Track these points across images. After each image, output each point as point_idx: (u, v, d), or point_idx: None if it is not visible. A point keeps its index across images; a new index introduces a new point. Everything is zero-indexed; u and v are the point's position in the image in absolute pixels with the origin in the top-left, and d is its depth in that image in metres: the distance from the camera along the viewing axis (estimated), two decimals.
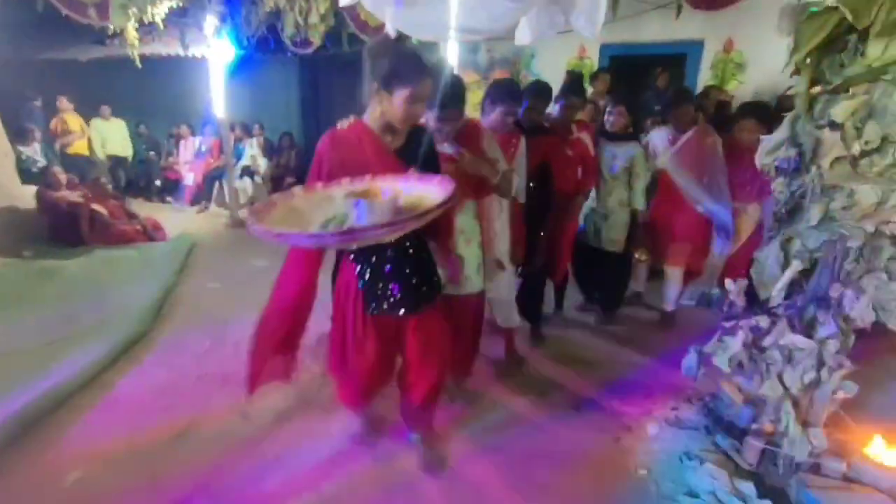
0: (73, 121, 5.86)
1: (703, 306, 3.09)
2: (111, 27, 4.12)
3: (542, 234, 2.37)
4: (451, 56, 3.87)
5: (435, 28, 2.14)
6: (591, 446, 1.90)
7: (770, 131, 1.58)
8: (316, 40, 4.24)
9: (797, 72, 1.42)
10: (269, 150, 6.71)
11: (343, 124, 1.48)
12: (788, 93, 1.55)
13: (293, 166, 6.75)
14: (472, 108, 2.38)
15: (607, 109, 2.67)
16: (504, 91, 2.07)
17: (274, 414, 2.05)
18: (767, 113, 2.50)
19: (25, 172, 4.70)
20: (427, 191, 1.33)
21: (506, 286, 2.19)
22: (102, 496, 1.61)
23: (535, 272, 2.45)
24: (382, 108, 1.40)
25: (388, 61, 1.35)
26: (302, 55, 5.72)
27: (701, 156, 2.54)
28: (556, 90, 2.46)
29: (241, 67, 5.72)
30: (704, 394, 2.06)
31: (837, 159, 1.38)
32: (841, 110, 1.31)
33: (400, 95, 1.35)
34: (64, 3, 3.48)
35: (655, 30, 4.36)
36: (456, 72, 1.96)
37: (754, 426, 1.75)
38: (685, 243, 2.73)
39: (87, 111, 6.04)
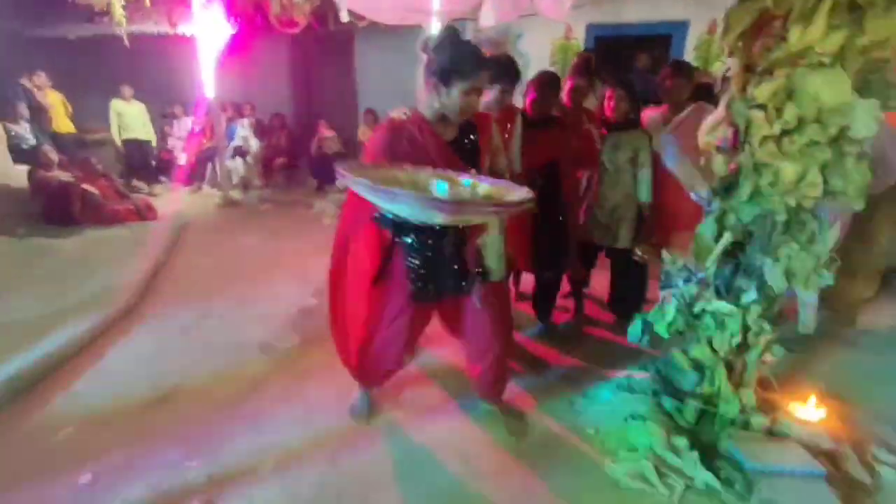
0: (52, 96, 5.69)
1: None
2: (96, 5, 4.13)
3: (556, 235, 2.33)
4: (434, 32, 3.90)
5: (394, 11, 2.17)
6: (548, 410, 2.04)
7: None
8: (301, 20, 4.25)
9: (731, 54, 1.50)
10: (261, 131, 6.74)
11: (399, 114, 1.54)
12: (727, 74, 1.61)
13: (284, 146, 6.79)
14: None
15: (606, 94, 2.41)
16: (502, 69, 2.04)
17: (253, 380, 2.19)
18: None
19: (16, 151, 4.76)
20: (498, 188, 1.41)
21: None
22: (91, 450, 1.75)
23: (549, 273, 2.44)
24: (441, 101, 1.46)
25: (447, 57, 1.42)
26: (293, 35, 5.73)
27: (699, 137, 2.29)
28: (537, 69, 2.35)
29: (232, 47, 5.71)
30: (658, 361, 2.19)
31: (765, 138, 1.47)
32: (762, 92, 1.40)
33: (458, 88, 1.42)
34: None
35: (641, 10, 4.37)
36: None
37: (694, 389, 1.90)
38: (688, 231, 2.57)
39: (76, 89, 6.03)
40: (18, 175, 4.44)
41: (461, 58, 1.41)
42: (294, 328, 2.69)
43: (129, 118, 6.07)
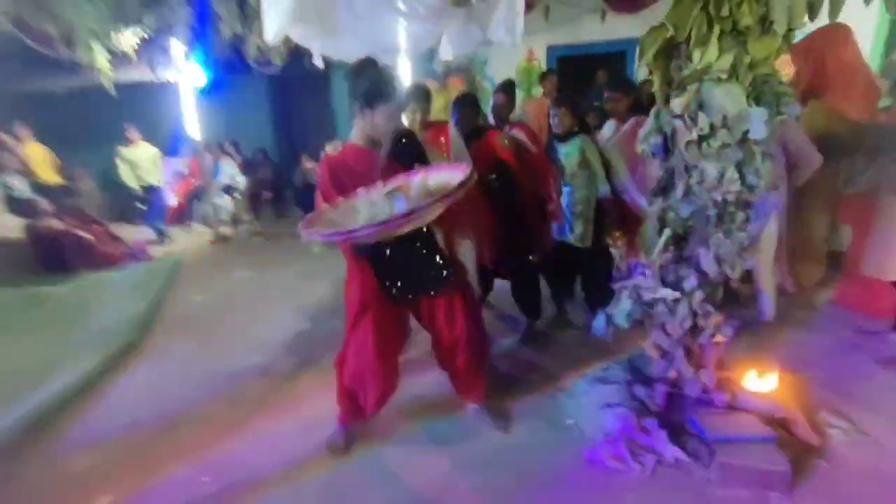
0: (33, 149, 5.63)
1: None
2: (77, 57, 4.35)
3: (517, 230, 2.52)
4: (404, 66, 4.18)
5: (358, 53, 2.39)
6: (530, 403, 2.20)
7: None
8: (277, 61, 4.51)
9: (651, 72, 1.73)
10: (246, 167, 6.96)
11: (332, 148, 1.70)
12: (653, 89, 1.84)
13: (269, 180, 7.01)
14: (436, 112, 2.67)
15: (551, 112, 2.68)
16: (413, 92, 2.31)
17: (254, 402, 2.32)
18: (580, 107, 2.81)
19: (10, 202, 4.90)
20: (448, 175, 1.54)
21: None
22: (108, 476, 1.87)
23: (527, 268, 2.64)
24: (365, 123, 1.63)
25: (368, 82, 1.59)
26: (270, 75, 6.00)
27: (634, 146, 2.56)
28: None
29: (213, 89, 5.97)
30: (632, 354, 2.36)
31: (688, 143, 1.69)
32: (677, 104, 1.62)
33: (381, 110, 1.59)
34: (33, 38, 3.69)
35: (596, 30, 4.69)
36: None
37: (662, 375, 2.07)
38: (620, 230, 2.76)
39: (66, 139, 6.20)
40: (13, 225, 4.57)
41: (381, 82, 1.59)
42: (290, 352, 2.83)
43: (144, 162, 5.89)
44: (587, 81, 5.01)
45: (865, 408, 1.98)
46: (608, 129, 2.85)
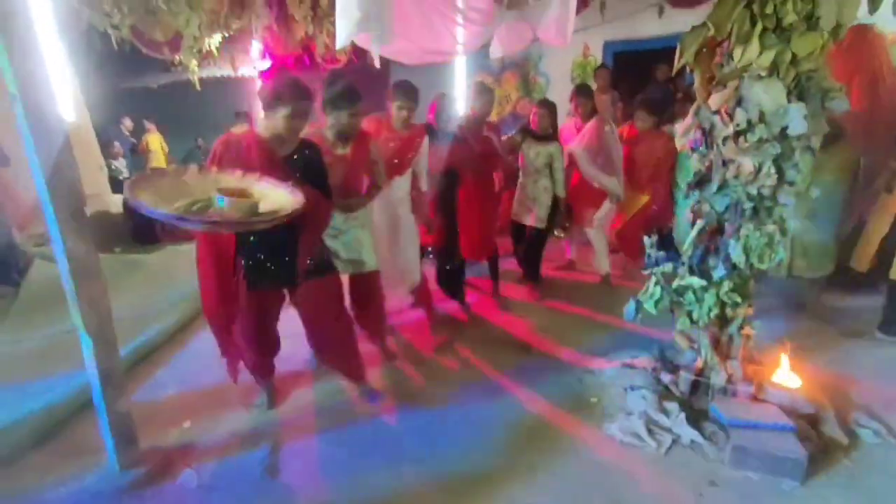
0: (154, 140, 6.95)
1: None
2: (177, 58, 4.95)
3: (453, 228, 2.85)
4: (460, 62, 4.36)
5: (414, 54, 2.60)
6: (559, 385, 2.32)
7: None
8: (342, 57, 4.86)
9: (692, 70, 1.79)
10: None
11: (237, 129, 1.84)
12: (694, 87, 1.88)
13: None
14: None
15: (532, 110, 3.13)
16: (399, 91, 2.40)
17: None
18: (658, 104, 3.23)
19: (114, 182, 5.67)
20: (286, 200, 1.57)
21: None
22: (186, 407, 2.23)
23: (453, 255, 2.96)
24: (268, 122, 1.73)
25: (272, 85, 1.71)
26: (335, 69, 6.43)
27: (598, 142, 3.13)
28: (564, 87, 2.88)
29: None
30: (662, 343, 2.41)
31: (725, 138, 1.74)
32: (715, 100, 1.68)
33: (280, 114, 1.68)
34: (143, 43, 4.29)
35: (654, 26, 4.61)
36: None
37: (688, 363, 2.12)
38: (592, 210, 3.35)
39: (160, 128, 7.10)
40: (115, 202, 5.29)
41: (284, 87, 1.69)
42: None
43: None
44: (644, 75, 4.95)
45: None
46: (566, 127, 3.38)
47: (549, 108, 3.06)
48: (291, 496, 1.68)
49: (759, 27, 1.54)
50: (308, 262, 1.89)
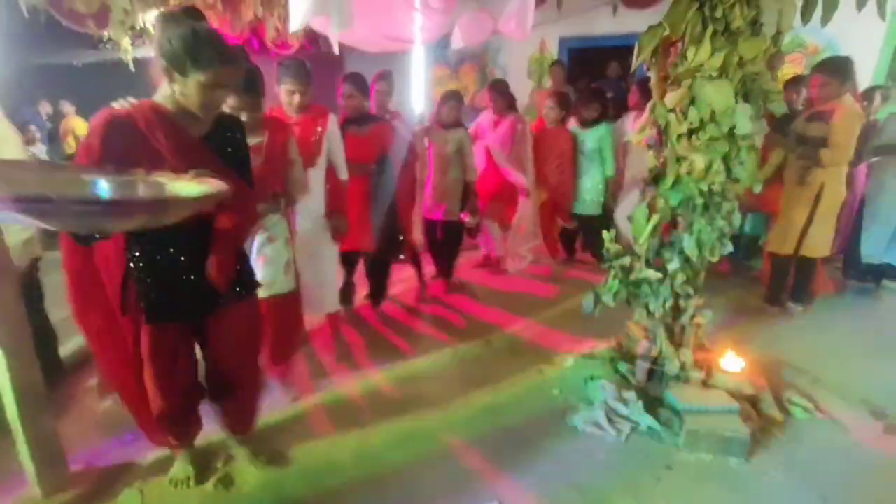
0: (80, 125, 6.24)
1: None
2: (105, 34, 4.50)
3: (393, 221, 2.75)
4: (418, 53, 4.28)
5: (373, 41, 2.52)
6: (519, 376, 2.35)
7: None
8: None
9: (649, 69, 1.85)
10: None
11: (123, 104, 1.22)
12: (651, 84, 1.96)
13: None
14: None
15: (441, 103, 3.06)
16: (288, 68, 2.07)
17: None
18: (566, 98, 3.41)
19: None
20: (197, 189, 1.12)
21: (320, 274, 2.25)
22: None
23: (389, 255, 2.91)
24: (177, 90, 1.21)
25: (179, 38, 1.15)
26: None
27: (511, 137, 3.26)
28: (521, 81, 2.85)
29: None
30: (620, 334, 2.51)
31: (679, 135, 1.81)
32: (670, 99, 1.74)
33: (194, 80, 1.17)
34: (63, 15, 3.84)
35: (609, 24, 4.75)
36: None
37: (644, 353, 2.22)
38: (499, 202, 3.46)
39: (82, 114, 6.43)
40: None
41: (197, 44, 1.15)
42: None
43: None
44: (597, 71, 5.10)
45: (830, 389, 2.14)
46: (483, 118, 3.44)
47: (456, 99, 3.07)
48: None
49: (710, 29, 1.61)
50: (228, 277, 1.39)
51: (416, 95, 4.84)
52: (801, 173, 2.73)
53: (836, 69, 2.66)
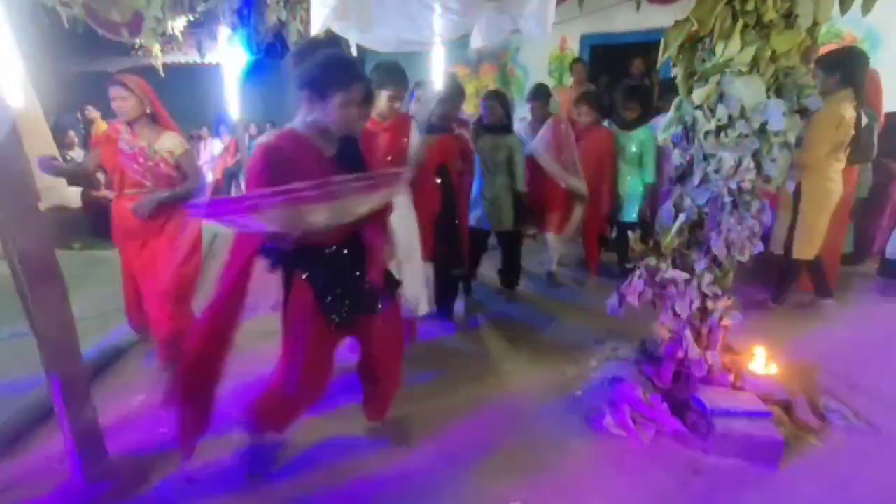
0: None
1: None
2: (138, 41, 4.67)
3: (455, 233, 2.59)
4: (438, 53, 4.29)
5: (391, 43, 2.51)
6: (544, 376, 2.34)
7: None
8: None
9: (675, 65, 1.80)
10: None
11: (270, 137, 1.39)
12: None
13: None
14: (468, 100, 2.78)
15: (483, 104, 2.90)
16: (387, 74, 2.00)
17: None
18: (600, 99, 3.25)
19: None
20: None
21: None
22: (159, 412, 2.12)
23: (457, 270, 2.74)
24: (317, 114, 1.37)
25: (319, 67, 1.34)
26: None
27: (558, 141, 3.04)
28: (541, 79, 2.78)
29: (254, 72, 6.25)
30: (644, 336, 2.46)
31: (706, 132, 1.76)
32: (698, 95, 1.70)
33: (334, 101, 1.33)
34: (100, 24, 4.01)
35: (631, 20, 4.65)
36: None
37: (670, 355, 2.17)
38: (555, 213, 3.24)
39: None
40: (72, 195, 4.97)
41: (335, 68, 1.35)
42: None
43: None
44: (620, 69, 5.01)
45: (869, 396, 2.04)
46: (521, 128, 3.24)
47: (499, 98, 2.86)
48: (276, 499, 1.63)
49: (740, 23, 1.56)
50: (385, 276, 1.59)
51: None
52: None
53: (837, 64, 2.51)
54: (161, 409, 2.06)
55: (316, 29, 2.02)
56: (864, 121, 2.64)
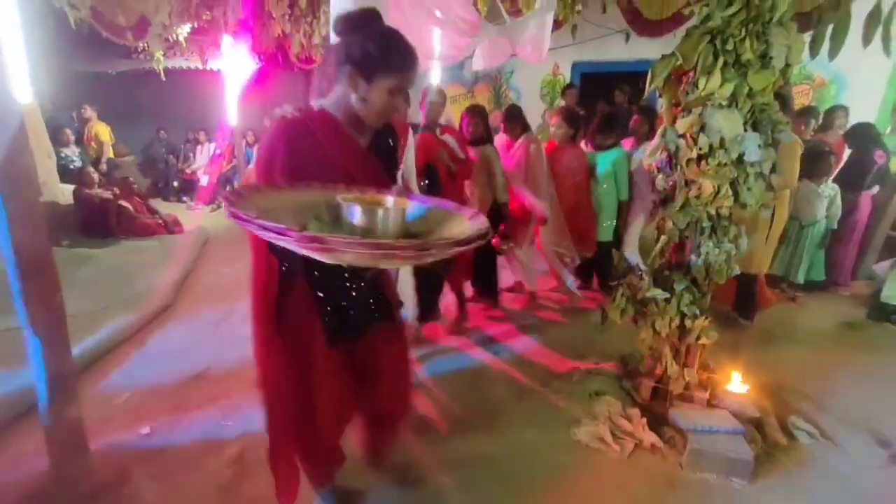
0: (103, 130, 6.52)
1: None
2: (140, 45, 4.74)
3: None
4: (435, 72, 4.43)
5: None
6: (527, 390, 2.39)
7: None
8: (318, 58, 4.82)
9: (660, 95, 1.93)
10: None
11: (294, 112, 1.11)
12: (661, 110, 2.04)
13: None
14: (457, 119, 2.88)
15: (464, 118, 2.95)
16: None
17: None
18: (575, 116, 3.27)
19: (64, 171, 5.31)
20: (453, 215, 1.05)
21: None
22: (145, 412, 2.12)
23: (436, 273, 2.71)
24: (358, 97, 1.10)
25: (373, 43, 1.07)
26: (311, 70, 6.36)
27: (525, 158, 3.09)
28: (533, 101, 2.85)
29: (255, 81, 6.35)
30: (624, 352, 2.53)
31: (688, 160, 1.88)
32: (681, 125, 1.81)
33: (382, 86, 1.09)
34: (105, 27, 4.08)
35: (620, 50, 4.88)
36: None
37: (649, 371, 2.24)
38: (525, 227, 3.22)
39: (115, 119, 6.70)
40: (64, 192, 4.95)
41: (395, 48, 1.09)
42: None
43: None
44: (608, 96, 5.21)
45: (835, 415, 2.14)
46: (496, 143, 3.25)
47: (479, 113, 2.94)
48: None
49: (720, 61, 1.69)
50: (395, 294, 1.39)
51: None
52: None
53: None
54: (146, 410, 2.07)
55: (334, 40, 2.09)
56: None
